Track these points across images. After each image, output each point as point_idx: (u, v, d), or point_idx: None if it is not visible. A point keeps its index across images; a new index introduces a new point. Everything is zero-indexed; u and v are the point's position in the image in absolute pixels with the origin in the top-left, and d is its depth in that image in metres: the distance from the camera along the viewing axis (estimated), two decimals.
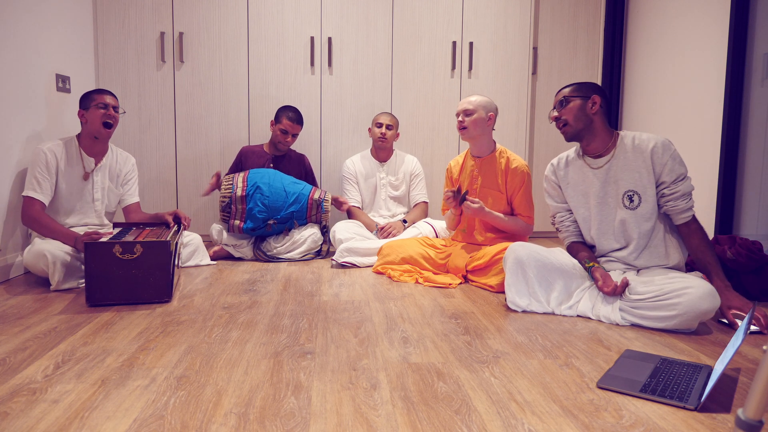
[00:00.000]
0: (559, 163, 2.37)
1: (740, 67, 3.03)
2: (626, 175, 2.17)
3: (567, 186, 2.34)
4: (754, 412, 0.84)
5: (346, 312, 2.16)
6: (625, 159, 2.17)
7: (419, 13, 3.87)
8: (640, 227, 2.16)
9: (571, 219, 2.37)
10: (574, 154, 2.33)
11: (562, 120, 2.23)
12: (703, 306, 1.84)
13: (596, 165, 2.23)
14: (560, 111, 2.24)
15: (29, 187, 2.60)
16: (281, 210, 3.19)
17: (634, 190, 2.15)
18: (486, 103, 2.75)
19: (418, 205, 3.59)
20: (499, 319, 2.08)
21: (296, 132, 3.45)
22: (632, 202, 2.16)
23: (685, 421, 1.28)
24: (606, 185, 2.21)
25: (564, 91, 2.25)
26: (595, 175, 2.23)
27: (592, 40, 4.08)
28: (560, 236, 2.43)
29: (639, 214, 2.16)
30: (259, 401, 1.36)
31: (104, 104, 2.66)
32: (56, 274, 2.42)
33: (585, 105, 2.19)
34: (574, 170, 2.31)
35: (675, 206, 2.12)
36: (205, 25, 3.71)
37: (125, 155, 2.91)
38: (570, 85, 2.26)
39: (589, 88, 2.21)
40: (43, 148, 2.63)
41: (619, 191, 2.18)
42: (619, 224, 2.20)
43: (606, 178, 2.21)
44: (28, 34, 2.83)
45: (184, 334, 1.87)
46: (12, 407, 1.33)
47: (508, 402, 1.37)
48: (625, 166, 2.17)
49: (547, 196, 2.43)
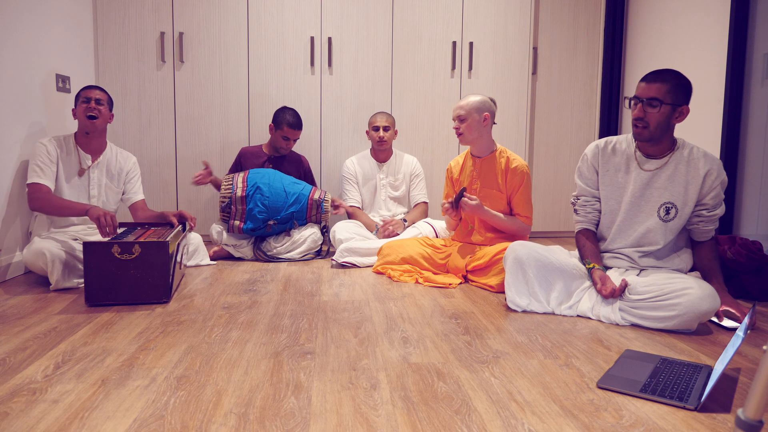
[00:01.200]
0: (606, 147, 2.23)
1: (740, 67, 3.03)
2: (672, 186, 2.10)
3: (606, 173, 2.23)
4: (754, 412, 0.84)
5: (346, 312, 2.16)
6: (676, 170, 2.10)
7: (419, 13, 3.87)
8: (666, 238, 2.13)
9: (594, 207, 2.28)
10: (626, 144, 2.20)
11: (643, 121, 2.04)
12: (703, 306, 1.84)
13: (647, 166, 2.14)
14: (646, 110, 2.02)
15: (33, 175, 2.61)
16: (281, 210, 3.19)
17: (674, 203, 2.10)
18: (479, 105, 2.74)
19: (418, 206, 3.58)
20: (499, 319, 2.08)
21: (297, 137, 3.46)
22: (668, 214, 2.11)
23: (685, 421, 1.28)
24: (647, 189, 2.14)
25: (658, 88, 2.00)
26: (640, 175, 2.15)
27: (592, 40, 4.07)
28: (575, 218, 2.35)
29: (669, 226, 2.12)
30: (259, 401, 1.36)
31: (87, 98, 2.68)
32: (55, 273, 2.42)
33: (672, 114, 2.03)
34: (620, 160, 2.20)
35: (705, 227, 2.12)
36: (205, 25, 3.71)
37: (125, 154, 2.91)
38: (666, 79, 2.00)
39: (683, 94, 2.02)
40: (44, 141, 2.67)
41: (658, 199, 2.12)
42: (645, 231, 2.14)
43: (650, 182, 2.13)
44: (28, 34, 2.83)
45: (184, 334, 1.87)
46: (12, 407, 1.33)
47: (508, 402, 1.37)
48: (673, 177, 2.10)
49: (579, 175, 2.31)
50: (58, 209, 2.55)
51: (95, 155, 2.78)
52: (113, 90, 3.67)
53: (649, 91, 2.02)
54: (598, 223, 2.31)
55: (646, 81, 2.04)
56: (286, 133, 3.39)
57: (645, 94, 2.03)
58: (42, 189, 2.59)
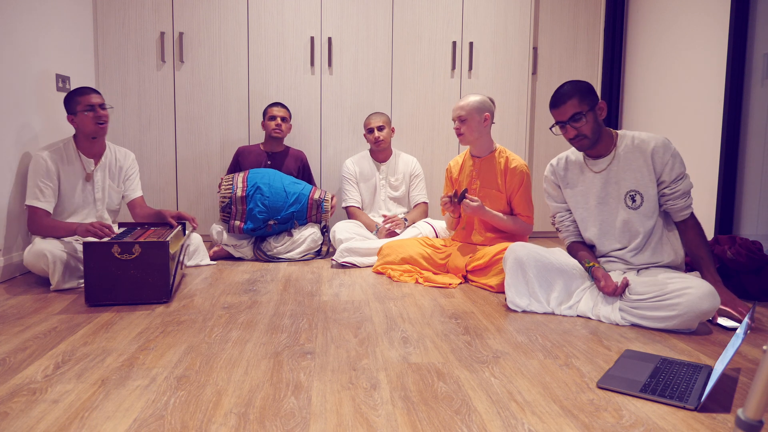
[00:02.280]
0: (559, 164, 2.36)
1: (740, 67, 3.03)
2: (628, 175, 2.16)
3: (566, 186, 2.33)
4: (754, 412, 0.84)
5: (346, 312, 2.16)
6: (625, 159, 2.17)
7: (419, 13, 3.87)
8: (643, 225, 2.16)
9: (570, 219, 2.37)
10: (575, 155, 2.32)
11: (579, 135, 2.12)
12: (703, 306, 1.84)
13: (597, 168, 2.22)
14: (577, 127, 2.11)
15: (32, 196, 2.59)
16: (281, 210, 3.19)
17: (636, 190, 2.15)
18: (479, 105, 2.74)
19: (418, 206, 3.58)
20: (499, 319, 2.08)
21: (283, 115, 3.47)
22: (634, 201, 2.16)
23: (685, 421, 1.28)
24: (607, 186, 2.21)
25: (569, 105, 2.10)
26: (596, 177, 2.22)
27: (592, 40, 4.07)
28: (560, 236, 2.42)
29: (641, 213, 2.16)
30: (259, 401, 1.36)
31: (91, 106, 2.63)
32: (56, 274, 2.43)
33: (596, 115, 2.13)
34: (574, 171, 2.30)
35: (675, 204, 2.13)
36: (205, 25, 3.71)
37: (123, 151, 2.90)
38: (569, 95, 2.11)
39: (590, 94, 2.12)
40: (42, 155, 2.62)
41: (620, 191, 2.18)
42: (622, 224, 2.19)
43: (607, 179, 2.20)
44: (28, 34, 2.83)
45: (184, 334, 1.87)
46: (12, 407, 1.33)
47: (508, 402, 1.37)
48: (626, 167, 2.17)
49: (547, 196, 2.43)
50: (51, 231, 2.57)
51: (97, 158, 2.78)
52: (113, 90, 3.67)
53: (566, 113, 2.12)
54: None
55: (558, 106, 2.14)
56: (272, 112, 3.45)
57: (564, 116, 2.13)
58: (38, 213, 2.59)
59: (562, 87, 2.14)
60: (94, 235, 2.42)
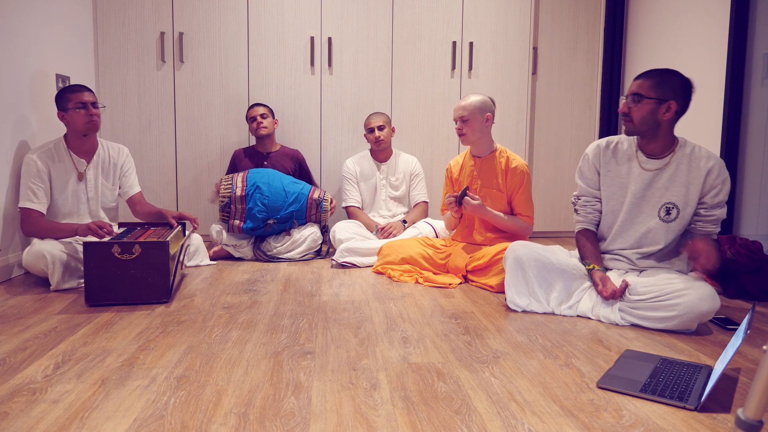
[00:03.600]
0: (608, 147, 2.22)
1: (740, 67, 3.03)
2: (674, 186, 2.08)
3: (607, 173, 2.22)
4: (754, 412, 0.84)
5: (346, 312, 2.16)
6: (677, 169, 2.08)
7: (419, 13, 3.87)
8: (666, 239, 2.11)
9: (595, 207, 2.27)
10: (627, 144, 2.20)
11: (627, 116, 2.06)
12: (702, 307, 1.84)
13: (648, 166, 2.12)
14: (630, 106, 2.05)
15: (25, 198, 2.58)
16: (281, 210, 3.19)
17: (675, 204, 2.08)
18: (481, 105, 2.73)
19: (418, 205, 3.58)
20: (499, 319, 2.08)
21: (263, 112, 3.47)
22: (669, 215, 2.09)
23: (685, 421, 1.28)
24: (649, 189, 2.12)
25: (642, 83, 2.03)
26: (642, 175, 2.13)
27: (592, 40, 4.07)
28: (575, 218, 2.33)
29: (670, 227, 2.10)
30: (259, 401, 1.36)
31: (83, 103, 2.59)
32: (56, 274, 2.42)
33: (658, 109, 2.02)
34: (621, 160, 2.19)
35: (703, 228, 2.09)
36: (205, 25, 3.71)
37: (117, 147, 2.86)
38: (652, 75, 2.03)
39: (670, 90, 2.01)
40: (33, 157, 2.59)
41: (660, 200, 2.10)
42: (645, 231, 2.13)
43: (651, 182, 2.12)
44: (28, 34, 2.83)
45: (184, 334, 1.87)
46: (12, 407, 1.33)
47: (508, 402, 1.37)
48: (675, 177, 2.08)
49: (580, 175, 2.30)
50: (49, 232, 2.55)
51: (89, 156, 2.75)
52: (113, 90, 3.67)
53: (633, 88, 2.06)
54: (599, 224, 2.29)
55: (635, 78, 2.08)
56: (250, 113, 3.49)
57: (630, 90, 2.08)
58: (32, 215, 2.57)
59: (659, 69, 2.05)
60: (94, 234, 2.42)
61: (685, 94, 2.02)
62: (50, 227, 2.56)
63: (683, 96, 2.02)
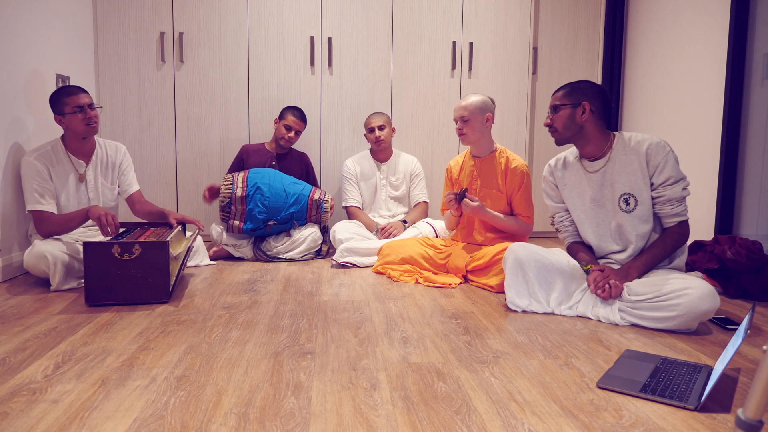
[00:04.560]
0: (557, 164, 2.35)
1: (740, 67, 3.03)
2: (622, 177, 2.14)
3: (564, 187, 2.32)
4: (754, 412, 0.84)
5: (346, 312, 2.16)
6: (621, 161, 2.14)
7: (419, 13, 3.87)
8: (637, 230, 2.13)
9: (569, 219, 2.36)
10: (572, 157, 2.31)
11: (552, 127, 2.21)
12: (702, 306, 1.84)
13: (592, 168, 2.21)
14: (551, 118, 2.21)
15: (33, 201, 2.55)
16: (281, 211, 3.19)
17: (630, 193, 2.12)
18: (482, 105, 2.73)
19: (419, 205, 3.58)
20: (499, 319, 2.08)
21: (300, 129, 3.46)
22: (628, 204, 2.13)
23: (685, 421, 1.28)
24: (602, 188, 2.19)
25: (556, 95, 2.21)
26: (592, 179, 2.21)
27: (592, 40, 4.08)
28: (560, 236, 2.42)
29: (635, 216, 2.13)
30: (259, 401, 1.36)
31: (80, 107, 2.55)
32: (57, 275, 2.42)
33: (575, 113, 2.15)
34: (571, 172, 2.30)
35: (661, 210, 2.10)
36: (205, 25, 3.71)
37: (114, 145, 2.84)
38: (563, 87, 2.21)
39: (581, 93, 2.15)
40: (31, 159, 2.57)
41: (615, 194, 2.16)
42: (616, 227, 2.17)
43: (602, 181, 2.19)
44: (27, 34, 2.83)
45: (184, 334, 1.87)
46: (12, 407, 1.33)
47: (508, 402, 1.37)
48: (621, 169, 2.14)
49: (546, 196, 2.42)
50: (64, 226, 2.55)
51: (87, 157, 2.73)
52: (113, 90, 3.67)
53: (551, 102, 2.24)
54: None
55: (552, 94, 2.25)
56: (289, 122, 3.42)
57: (550, 104, 2.24)
58: (44, 215, 2.55)
59: (568, 82, 2.23)
60: (100, 226, 2.40)
61: (596, 93, 2.15)
62: (64, 220, 2.55)
63: (593, 96, 2.15)
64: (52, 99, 2.59)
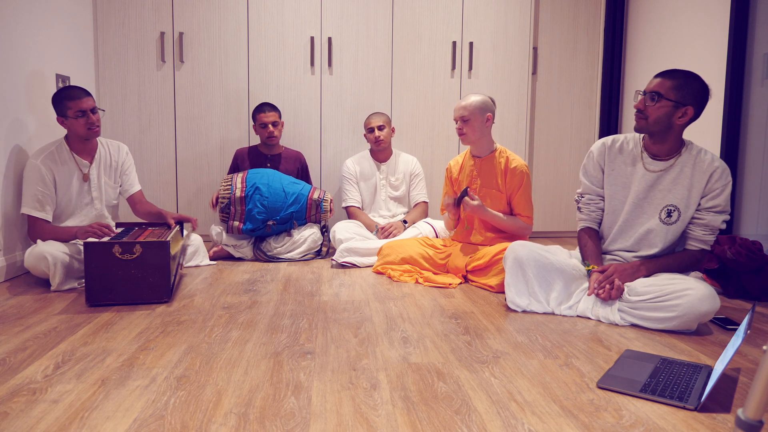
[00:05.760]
0: (614, 145, 2.20)
1: (740, 67, 3.03)
2: (676, 188, 2.06)
3: (611, 172, 2.20)
4: (754, 412, 0.84)
5: (346, 312, 2.16)
6: (681, 171, 2.06)
7: (419, 14, 3.87)
8: (665, 241, 2.09)
9: (598, 206, 2.26)
10: (633, 144, 2.18)
11: (642, 113, 2.03)
12: (702, 307, 1.84)
13: (653, 167, 2.11)
14: (647, 104, 2.01)
15: (30, 206, 2.58)
16: (280, 211, 3.19)
17: (676, 206, 2.06)
18: (482, 105, 2.73)
19: (419, 205, 3.58)
20: (499, 319, 2.08)
21: (276, 119, 3.43)
22: (670, 217, 2.08)
23: (685, 421, 1.28)
24: (651, 190, 2.11)
25: (663, 82, 1.99)
26: (645, 176, 2.11)
27: (592, 40, 4.07)
28: (578, 216, 2.32)
29: (671, 229, 2.08)
30: (259, 401, 1.36)
31: (82, 111, 2.56)
32: (57, 276, 2.42)
33: (675, 113, 1.99)
34: (626, 159, 2.18)
35: (693, 231, 2.07)
36: (205, 25, 3.71)
37: (116, 145, 2.87)
38: (673, 76, 1.98)
39: (690, 95, 1.97)
40: (37, 162, 2.58)
41: (661, 202, 2.09)
42: (645, 232, 2.12)
43: (654, 184, 2.10)
44: (27, 34, 2.83)
45: (184, 334, 1.87)
46: (12, 407, 1.33)
47: (508, 402, 1.37)
48: (678, 179, 2.06)
49: (584, 173, 2.28)
50: (53, 237, 2.58)
51: (90, 157, 2.76)
52: (113, 90, 3.67)
53: (653, 85, 2.02)
54: (601, 222, 2.29)
55: (656, 76, 2.03)
56: (261, 120, 3.40)
57: (649, 87, 2.03)
58: (38, 223, 2.59)
59: (682, 70, 2.01)
60: (94, 236, 2.42)
61: (703, 101, 2.00)
62: (53, 231, 2.59)
63: (700, 103, 1.99)
64: (55, 99, 2.60)
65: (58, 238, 2.57)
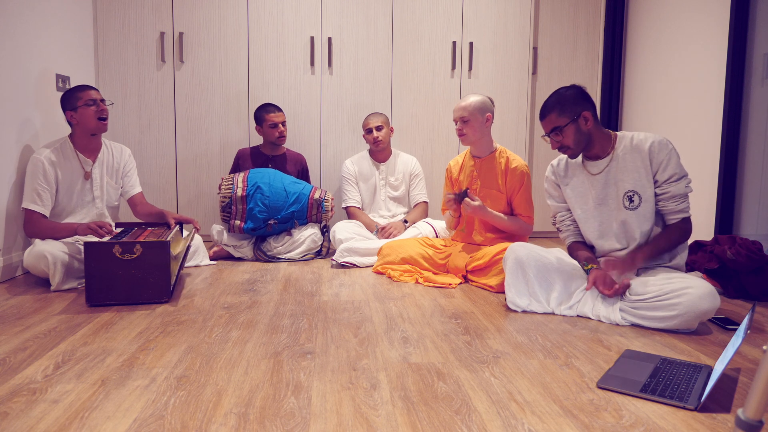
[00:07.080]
0: (559, 164, 2.35)
1: (740, 67, 3.03)
2: (626, 176, 2.15)
3: (566, 187, 2.32)
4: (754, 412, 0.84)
5: (346, 312, 2.16)
6: (624, 160, 2.15)
7: (419, 13, 3.87)
8: (641, 227, 2.14)
9: (571, 218, 2.36)
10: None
11: (563, 147, 2.17)
12: (703, 306, 1.84)
13: (596, 170, 2.21)
14: (559, 139, 2.16)
15: (29, 199, 2.59)
16: (282, 210, 3.19)
17: (634, 191, 2.13)
18: (481, 106, 2.73)
19: (418, 205, 3.58)
20: (499, 319, 2.08)
21: (283, 119, 3.45)
22: (632, 202, 2.14)
23: (685, 421, 1.28)
24: (606, 187, 2.19)
25: (550, 118, 2.15)
26: (595, 180, 2.21)
27: (592, 40, 4.08)
28: (561, 236, 2.42)
29: (640, 213, 2.14)
30: (259, 401, 1.36)
31: (93, 100, 2.63)
32: (57, 275, 2.42)
33: (579, 126, 2.13)
34: (573, 172, 2.30)
35: (665, 207, 2.11)
36: (205, 25, 3.71)
37: (119, 147, 2.89)
38: (551, 108, 2.15)
39: (574, 105, 2.12)
40: (41, 158, 2.60)
41: (619, 192, 2.16)
42: (620, 225, 2.18)
43: (606, 181, 2.19)
44: (28, 34, 2.83)
45: (184, 334, 1.87)
46: (12, 407, 1.33)
47: (508, 402, 1.37)
48: (624, 167, 2.15)
49: (548, 196, 2.42)
50: (50, 233, 2.57)
51: (94, 155, 2.77)
52: (113, 90, 3.67)
53: (547, 127, 2.19)
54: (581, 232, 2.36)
55: (541, 119, 2.20)
56: (271, 119, 3.41)
57: (547, 130, 2.20)
58: (34, 216, 2.59)
59: (548, 99, 2.18)
60: (94, 234, 2.43)
61: (585, 98, 2.14)
62: (50, 227, 2.58)
63: (584, 101, 2.13)
64: (65, 96, 2.65)
65: (56, 235, 2.56)
